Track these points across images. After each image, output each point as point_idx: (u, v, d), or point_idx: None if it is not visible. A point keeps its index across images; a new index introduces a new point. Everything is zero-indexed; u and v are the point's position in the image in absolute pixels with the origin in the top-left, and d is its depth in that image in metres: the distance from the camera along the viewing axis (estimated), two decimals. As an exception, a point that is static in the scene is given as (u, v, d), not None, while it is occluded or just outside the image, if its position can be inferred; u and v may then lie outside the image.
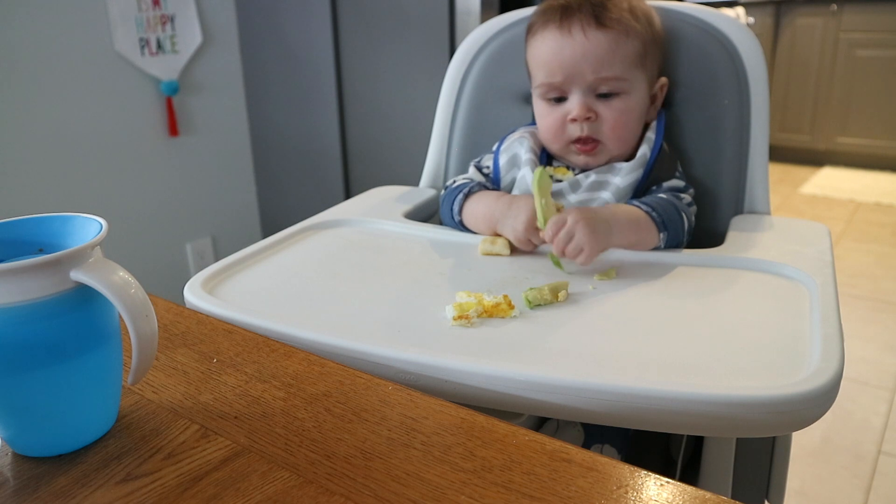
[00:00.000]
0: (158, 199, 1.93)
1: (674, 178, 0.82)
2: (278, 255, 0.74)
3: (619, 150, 0.81)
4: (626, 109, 0.80)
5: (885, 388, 1.77)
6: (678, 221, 0.76)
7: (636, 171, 0.80)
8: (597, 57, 0.77)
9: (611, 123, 0.79)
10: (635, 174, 0.80)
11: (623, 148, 0.82)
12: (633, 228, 0.73)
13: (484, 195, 0.80)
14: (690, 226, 0.78)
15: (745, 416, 0.46)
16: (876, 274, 2.46)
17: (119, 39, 1.74)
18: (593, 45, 0.77)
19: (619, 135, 0.80)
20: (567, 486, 0.37)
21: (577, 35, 0.78)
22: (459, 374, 0.51)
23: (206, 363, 0.51)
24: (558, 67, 0.79)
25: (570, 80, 0.79)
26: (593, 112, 0.79)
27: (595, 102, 0.80)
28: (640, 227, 0.73)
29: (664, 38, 0.85)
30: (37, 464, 0.41)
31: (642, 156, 0.81)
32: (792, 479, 1.39)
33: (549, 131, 0.83)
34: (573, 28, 0.78)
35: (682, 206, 0.78)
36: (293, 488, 0.38)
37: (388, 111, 1.80)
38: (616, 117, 0.79)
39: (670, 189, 0.81)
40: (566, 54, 0.78)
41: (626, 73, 0.79)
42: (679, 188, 0.81)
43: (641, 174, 0.80)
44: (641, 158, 0.81)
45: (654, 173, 0.81)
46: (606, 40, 0.77)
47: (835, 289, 0.61)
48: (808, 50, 3.72)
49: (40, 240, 0.43)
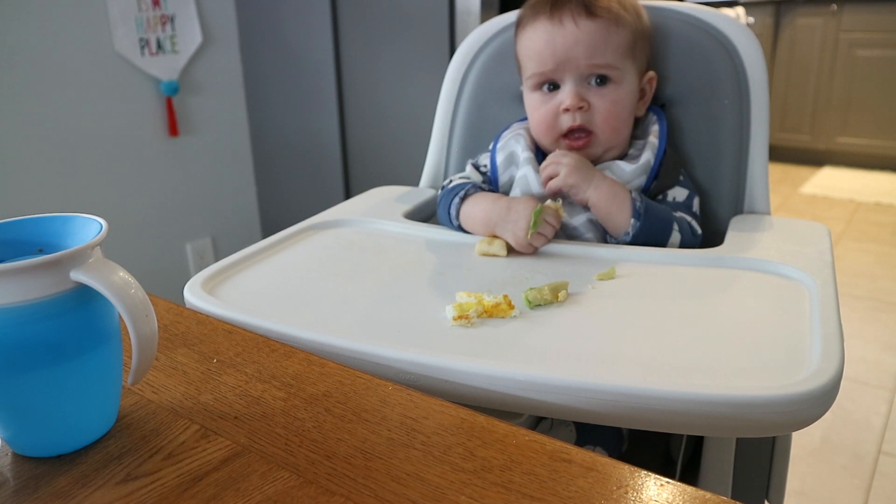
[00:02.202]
0: (158, 199, 1.93)
1: (678, 184, 0.82)
2: (278, 255, 0.74)
3: (611, 141, 0.81)
4: (617, 99, 0.80)
5: (885, 388, 1.77)
6: (660, 222, 0.76)
7: (640, 177, 0.80)
8: (589, 44, 0.78)
9: (603, 113, 0.79)
10: (639, 181, 0.80)
11: (615, 139, 0.81)
12: (610, 196, 0.76)
13: (481, 197, 0.80)
14: (686, 235, 0.78)
15: (745, 416, 0.46)
16: (876, 274, 2.46)
17: (119, 39, 1.74)
18: (584, 33, 0.78)
19: (612, 125, 0.80)
20: (567, 486, 0.37)
21: (568, 24, 0.78)
22: (459, 374, 0.51)
23: (206, 363, 0.51)
24: (550, 56, 0.79)
25: (562, 68, 0.80)
26: (585, 102, 0.80)
27: (587, 92, 0.80)
28: (616, 199, 0.76)
29: (651, 32, 0.85)
30: (37, 464, 0.41)
31: (646, 162, 0.80)
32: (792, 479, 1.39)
33: (541, 124, 0.82)
34: (564, 18, 0.79)
35: (680, 218, 0.78)
36: (293, 488, 0.38)
37: (388, 111, 1.80)
38: (608, 107, 0.79)
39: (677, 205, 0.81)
40: (558, 43, 0.79)
41: (617, 62, 0.79)
42: (684, 202, 0.81)
43: (645, 181, 0.80)
44: (645, 165, 0.80)
45: (659, 179, 0.81)
46: (597, 28, 0.78)
47: (835, 289, 0.61)
48: (808, 50, 3.72)
49: (40, 240, 0.43)
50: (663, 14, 0.87)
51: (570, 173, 0.76)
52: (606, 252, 0.73)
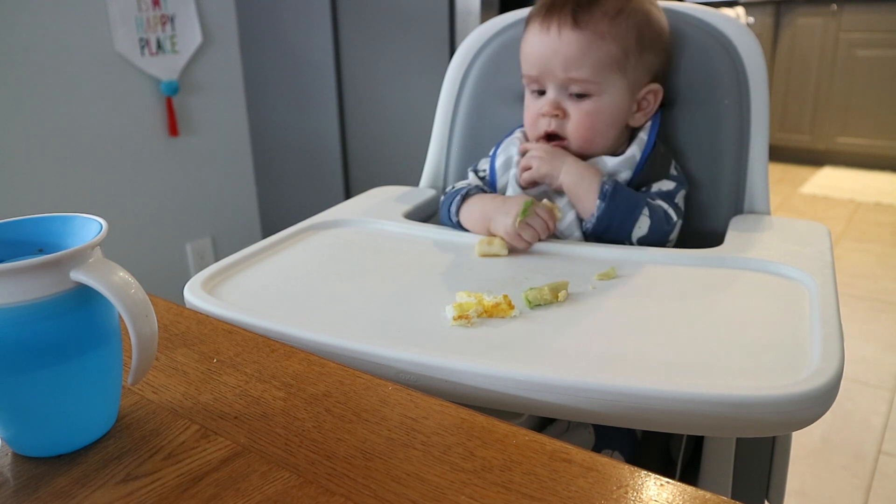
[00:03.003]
0: (158, 199, 1.93)
1: (665, 178, 0.82)
2: (278, 255, 0.74)
3: (584, 150, 0.82)
4: (593, 111, 0.80)
5: (885, 388, 1.77)
6: (628, 206, 0.77)
7: (625, 171, 0.81)
8: (566, 57, 0.79)
9: (575, 124, 0.81)
10: (624, 175, 0.81)
11: (590, 148, 0.82)
12: (579, 179, 0.79)
13: (480, 197, 0.82)
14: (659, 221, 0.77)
15: (745, 416, 0.46)
16: (876, 274, 2.46)
17: (119, 39, 1.74)
18: (565, 45, 0.79)
19: (583, 135, 0.81)
20: (567, 486, 0.37)
21: (552, 32, 0.79)
22: (459, 374, 0.51)
23: (206, 363, 0.51)
24: (535, 61, 0.81)
25: (544, 76, 0.81)
26: (561, 110, 0.81)
27: (566, 100, 0.81)
28: (584, 181, 0.78)
29: (667, 44, 0.84)
30: (37, 464, 0.41)
31: (632, 156, 0.81)
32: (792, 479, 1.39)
33: (526, 122, 0.86)
34: (551, 25, 0.79)
35: (655, 205, 0.78)
36: (293, 488, 0.38)
37: (388, 111, 1.80)
38: (581, 118, 0.81)
39: (658, 193, 0.81)
40: (542, 50, 0.80)
41: (596, 77, 0.79)
42: (666, 191, 0.81)
43: (630, 175, 0.81)
44: (631, 159, 0.81)
45: (643, 174, 0.81)
46: (578, 41, 0.78)
47: (835, 289, 0.61)
48: (808, 50, 3.72)
49: (40, 240, 0.43)
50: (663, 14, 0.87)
51: (541, 164, 0.80)
52: (606, 252, 0.73)
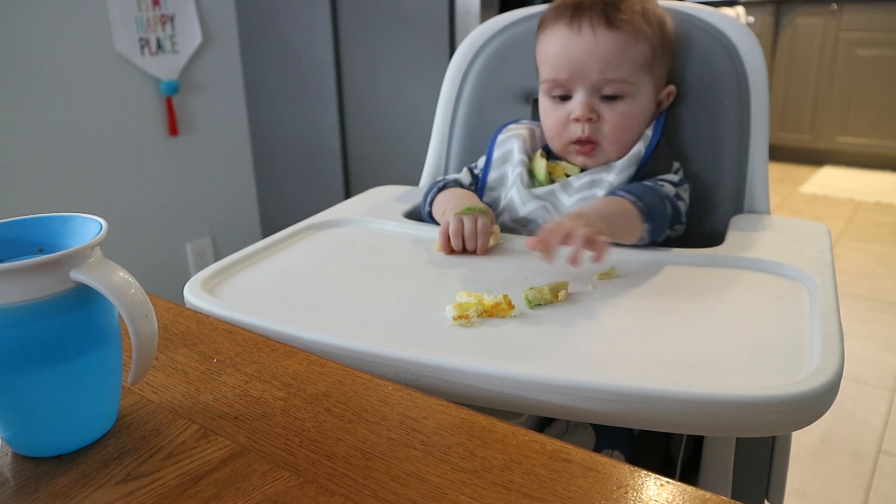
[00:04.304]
0: (158, 199, 1.93)
1: (668, 174, 0.82)
2: (278, 255, 0.74)
3: (617, 153, 0.81)
4: (628, 113, 0.79)
5: (885, 388, 1.77)
6: (662, 210, 0.75)
7: (629, 167, 0.80)
8: (604, 57, 0.77)
9: (612, 126, 0.79)
10: (628, 171, 0.80)
11: (621, 151, 0.82)
12: (621, 219, 0.72)
13: (453, 191, 0.82)
14: (677, 214, 0.77)
15: (745, 416, 0.46)
16: (876, 274, 2.46)
17: (119, 39, 1.74)
18: (601, 45, 0.77)
19: (619, 138, 0.80)
20: (567, 486, 0.37)
21: (586, 33, 0.77)
22: (459, 374, 0.51)
23: (206, 363, 0.51)
24: (564, 64, 0.79)
25: (574, 78, 0.79)
26: (595, 113, 0.79)
27: (598, 103, 0.79)
28: (626, 217, 0.72)
29: (675, 44, 0.84)
30: (37, 464, 0.41)
31: (637, 152, 0.81)
32: (792, 479, 1.39)
33: (550, 129, 0.83)
34: (583, 26, 0.77)
35: (665, 192, 0.77)
36: (293, 488, 0.38)
37: (388, 111, 1.80)
38: (617, 120, 0.79)
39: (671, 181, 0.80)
40: (573, 51, 0.78)
41: (632, 77, 0.78)
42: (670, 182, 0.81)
43: (634, 171, 0.80)
44: (636, 155, 0.81)
45: (647, 169, 0.81)
46: (615, 41, 0.77)
47: (835, 288, 0.61)
48: (808, 50, 3.72)
49: (40, 240, 0.43)
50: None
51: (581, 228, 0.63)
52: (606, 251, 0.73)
